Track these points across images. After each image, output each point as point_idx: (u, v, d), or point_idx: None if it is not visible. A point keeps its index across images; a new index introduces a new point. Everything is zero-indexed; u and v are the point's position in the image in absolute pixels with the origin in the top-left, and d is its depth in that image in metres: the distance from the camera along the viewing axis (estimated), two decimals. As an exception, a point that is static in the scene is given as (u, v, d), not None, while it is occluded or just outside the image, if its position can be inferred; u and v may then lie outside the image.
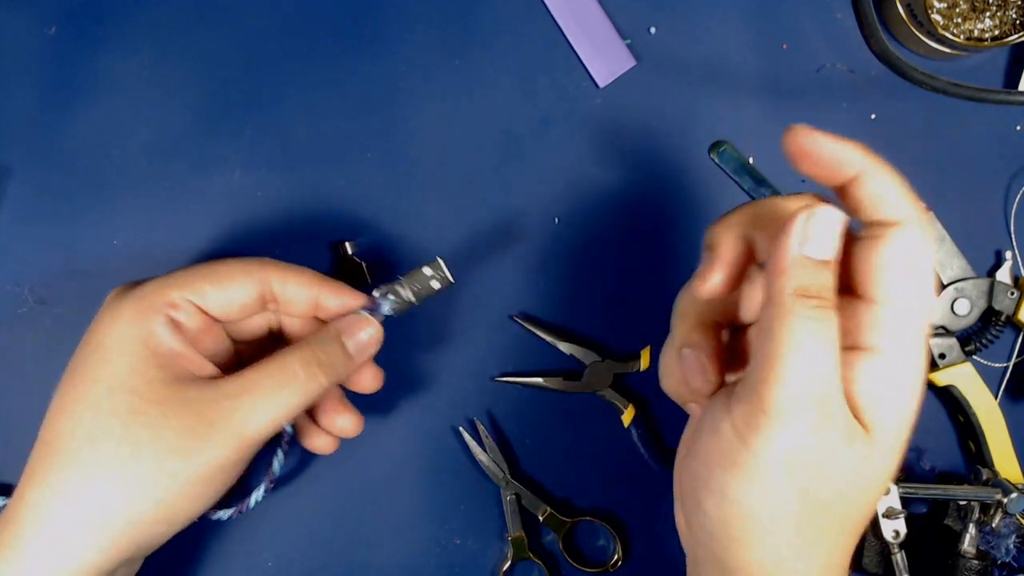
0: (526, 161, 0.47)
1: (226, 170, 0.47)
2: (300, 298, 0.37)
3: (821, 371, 0.27)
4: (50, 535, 0.33)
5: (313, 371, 0.35)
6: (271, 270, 0.37)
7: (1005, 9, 0.45)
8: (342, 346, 0.37)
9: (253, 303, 0.37)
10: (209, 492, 0.35)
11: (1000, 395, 0.48)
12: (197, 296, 0.36)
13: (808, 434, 0.27)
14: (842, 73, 0.48)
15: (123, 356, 0.34)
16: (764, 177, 0.47)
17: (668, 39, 0.48)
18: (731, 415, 0.28)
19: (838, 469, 0.28)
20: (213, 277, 0.36)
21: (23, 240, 0.46)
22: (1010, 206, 0.48)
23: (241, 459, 0.35)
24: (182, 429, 0.33)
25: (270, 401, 0.34)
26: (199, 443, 0.33)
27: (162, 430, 0.33)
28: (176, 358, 0.35)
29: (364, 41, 0.47)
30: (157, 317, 0.34)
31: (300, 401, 0.35)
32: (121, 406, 0.33)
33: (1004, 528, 0.44)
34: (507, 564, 0.46)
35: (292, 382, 0.35)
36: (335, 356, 0.36)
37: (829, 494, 0.28)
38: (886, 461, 0.28)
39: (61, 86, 0.46)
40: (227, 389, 0.34)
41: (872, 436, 0.28)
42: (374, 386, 0.40)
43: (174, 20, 0.47)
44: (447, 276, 0.38)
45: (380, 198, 0.47)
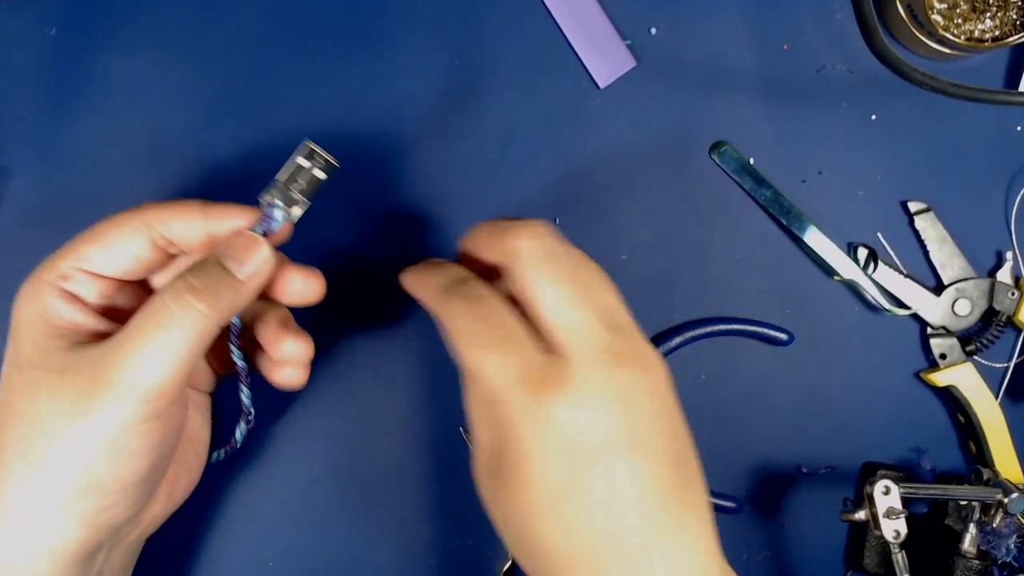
0: (526, 161, 0.47)
1: (226, 170, 0.47)
2: (191, 234, 0.35)
3: None
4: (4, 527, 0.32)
5: (186, 300, 0.32)
6: (149, 213, 0.35)
7: (1005, 10, 0.45)
8: (221, 268, 0.34)
9: (149, 254, 0.35)
10: (133, 455, 0.33)
11: (1001, 395, 0.48)
12: (83, 262, 0.34)
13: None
14: (842, 73, 0.48)
15: (26, 334, 0.34)
16: (764, 177, 0.47)
17: (668, 39, 0.48)
18: None
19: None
20: (93, 238, 0.35)
21: (23, 240, 0.46)
22: (1010, 206, 0.48)
23: (150, 416, 0.32)
24: (77, 393, 0.32)
25: (152, 344, 0.32)
26: (95, 403, 0.31)
27: (59, 398, 0.32)
28: (76, 327, 0.34)
29: (364, 41, 0.47)
30: (50, 291, 0.34)
31: (187, 338, 0.32)
32: (25, 380, 0.33)
33: (1005, 528, 0.44)
34: (507, 564, 0.46)
35: (167, 319, 0.32)
36: (214, 280, 0.33)
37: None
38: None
39: (61, 86, 0.46)
40: (112, 343, 0.32)
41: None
42: (311, 291, 0.37)
43: (174, 20, 0.47)
44: (327, 159, 0.35)
45: (380, 198, 0.47)
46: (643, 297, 0.47)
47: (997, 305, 0.47)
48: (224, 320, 0.34)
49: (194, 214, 0.35)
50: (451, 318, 0.31)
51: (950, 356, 0.47)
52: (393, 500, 0.47)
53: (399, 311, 0.47)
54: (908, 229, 0.48)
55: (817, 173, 0.48)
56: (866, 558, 0.46)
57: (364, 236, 0.47)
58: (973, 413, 0.46)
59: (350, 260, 0.47)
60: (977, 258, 0.48)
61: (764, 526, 0.48)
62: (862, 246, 0.48)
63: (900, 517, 0.41)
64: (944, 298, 0.47)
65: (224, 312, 0.34)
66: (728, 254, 0.48)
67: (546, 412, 0.29)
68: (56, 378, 0.32)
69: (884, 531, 0.41)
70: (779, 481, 0.48)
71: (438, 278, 0.34)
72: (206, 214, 0.35)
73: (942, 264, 0.47)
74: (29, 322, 0.34)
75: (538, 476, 0.29)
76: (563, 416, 0.29)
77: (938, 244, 0.47)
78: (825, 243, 0.47)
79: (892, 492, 0.41)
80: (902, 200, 0.48)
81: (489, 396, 0.30)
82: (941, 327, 0.47)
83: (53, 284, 0.34)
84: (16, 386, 0.33)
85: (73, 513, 0.32)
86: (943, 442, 0.48)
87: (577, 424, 0.29)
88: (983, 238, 0.48)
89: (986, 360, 0.48)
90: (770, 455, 0.48)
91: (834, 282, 0.48)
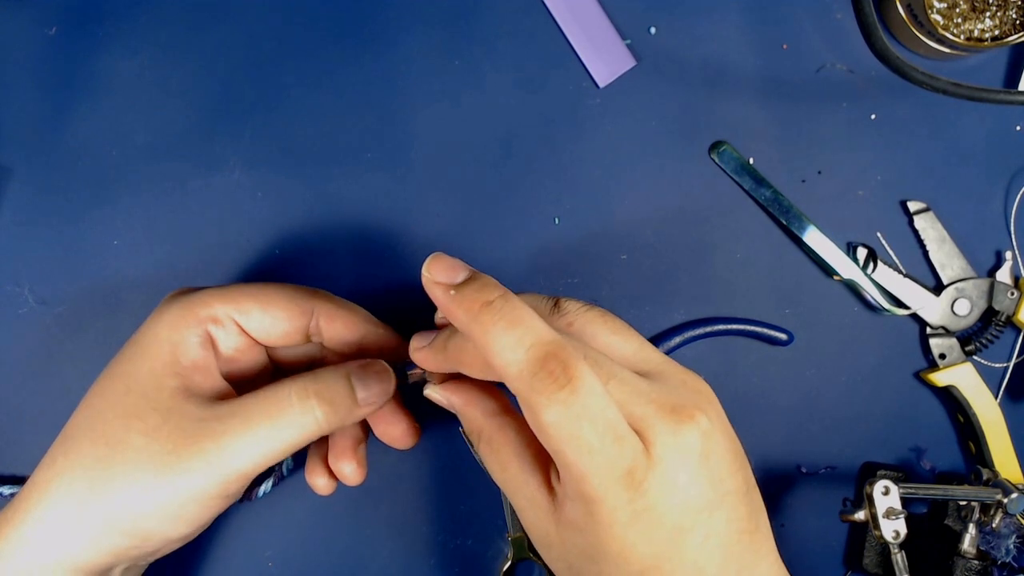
0: (526, 161, 0.47)
1: (226, 170, 0.47)
2: (345, 338, 0.36)
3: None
4: (41, 528, 0.32)
5: (311, 405, 0.33)
6: (320, 304, 0.36)
7: (1005, 9, 0.45)
8: (349, 385, 0.34)
9: (296, 332, 0.36)
10: (188, 522, 0.33)
11: (1000, 395, 0.48)
12: (241, 315, 0.35)
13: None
14: (842, 73, 0.48)
15: (149, 359, 0.33)
16: (764, 177, 0.47)
17: (668, 39, 0.48)
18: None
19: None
20: (261, 299, 0.35)
21: (23, 240, 0.46)
22: (1010, 206, 0.48)
23: (221, 494, 0.33)
24: (172, 446, 0.32)
25: (262, 435, 0.32)
26: (183, 466, 0.32)
27: (152, 442, 0.32)
28: (196, 371, 0.34)
29: (364, 41, 0.47)
30: (195, 328, 0.34)
31: (293, 438, 0.33)
32: (129, 407, 0.33)
33: (1004, 528, 0.44)
34: (507, 564, 0.46)
35: (285, 416, 0.33)
36: (339, 395, 0.34)
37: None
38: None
39: (61, 86, 0.46)
40: (220, 411, 0.33)
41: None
42: (404, 441, 0.38)
43: (174, 20, 0.47)
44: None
45: (380, 198, 0.47)
46: (643, 297, 0.47)
47: (996, 305, 0.47)
48: (328, 432, 0.35)
49: (358, 326, 0.36)
50: (542, 408, 0.27)
51: (949, 356, 0.47)
52: (393, 500, 0.47)
53: (399, 311, 0.47)
54: (908, 229, 0.48)
55: (817, 173, 0.48)
56: (866, 558, 0.46)
57: (363, 235, 0.47)
58: (972, 413, 0.46)
59: (348, 255, 0.47)
60: (977, 258, 0.48)
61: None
62: (862, 246, 0.48)
63: (900, 517, 0.41)
64: (943, 298, 0.47)
65: (333, 426, 0.34)
66: (728, 254, 0.48)
67: (644, 503, 0.28)
68: (158, 420, 0.32)
69: (884, 531, 0.41)
70: (779, 481, 0.48)
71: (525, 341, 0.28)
72: (367, 330, 0.36)
73: (941, 264, 0.47)
74: (158, 347, 0.33)
75: (634, 561, 0.29)
76: (658, 501, 0.29)
77: (937, 244, 0.47)
78: (825, 243, 0.47)
79: (892, 492, 0.41)
80: (902, 200, 0.48)
81: (573, 487, 0.29)
82: (940, 327, 0.47)
83: (201, 322, 0.34)
84: (118, 405, 0.33)
85: (108, 544, 0.33)
86: (943, 442, 0.48)
87: (672, 504, 0.29)
88: (983, 238, 0.48)
89: (985, 360, 0.48)
90: (770, 455, 0.48)
91: (834, 282, 0.48)
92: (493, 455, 0.33)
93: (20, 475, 0.46)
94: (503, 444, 0.32)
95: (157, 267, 0.47)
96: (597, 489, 0.28)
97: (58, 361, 0.46)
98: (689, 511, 0.29)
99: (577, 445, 0.27)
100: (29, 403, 0.46)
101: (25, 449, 0.46)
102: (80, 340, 0.46)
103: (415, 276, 0.47)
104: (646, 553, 0.29)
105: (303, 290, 0.36)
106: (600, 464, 0.28)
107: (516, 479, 0.32)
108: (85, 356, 0.46)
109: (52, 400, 0.46)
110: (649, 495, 0.28)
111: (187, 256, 0.47)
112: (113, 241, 0.46)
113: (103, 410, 0.33)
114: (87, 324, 0.46)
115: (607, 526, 0.29)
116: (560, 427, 0.27)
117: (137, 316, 0.46)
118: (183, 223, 0.47)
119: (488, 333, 0.28)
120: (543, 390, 0.27)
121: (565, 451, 0.28)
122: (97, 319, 0.46)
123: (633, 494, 0.28)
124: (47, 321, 0.46)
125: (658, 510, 0.29)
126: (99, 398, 0.34)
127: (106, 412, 0.33)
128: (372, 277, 0.47)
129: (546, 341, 0.28)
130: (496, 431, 0.33)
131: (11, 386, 0.46)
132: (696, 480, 0.29)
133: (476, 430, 0.33)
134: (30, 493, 0.33)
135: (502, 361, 0.28)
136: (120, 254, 0.46)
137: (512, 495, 0.33)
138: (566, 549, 0.31)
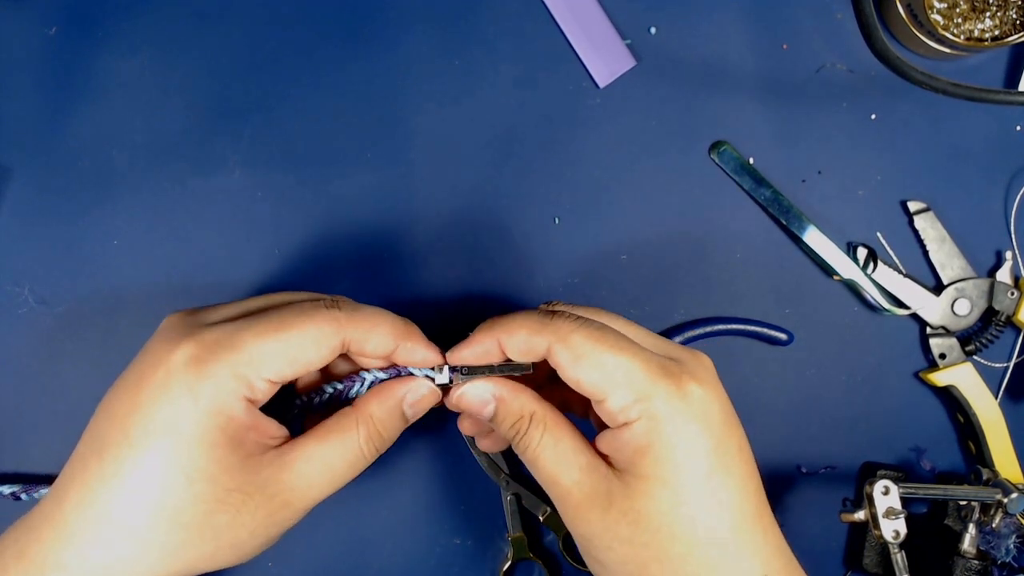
0: (526, 161, 0.47)
1: (226, 170, 0.47)
2: (379, 351, 0.36)
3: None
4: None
5: (374, 448, 0.35)
6: (350, 329, 0.34)
7: (1005, 9, 0.45)
8: (402, 416, 0.36)
9: (329, 358, 0.35)
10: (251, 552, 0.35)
11: (1000, 395, 0.48)
12: (275, 374, 0.33)
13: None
14: (842, 73, 0.48)
15: (198, 445, 0.31)
16: (764, 177, 0.47)
17: (668, 39, 0.48)
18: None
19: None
20: (279, 334, 0.33)
21: (23, 240, 0.46)
22: (1010, 206, 0.48)
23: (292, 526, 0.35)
24: (261, 516, 0.33)
25: (333, 473, 0.34)
26: (274, 525, 0.33)
27: (242, 516, 0.32)
28: (247, 432, 0.33)
29: (364, 41, 0.47)
30: (233, 399, 0.32)
31: (355, 473, 0.35)
32: (202, 496, 0.31)
33: (1004, 528, 0.44)
34: (507, 564, 0.46)
35: (358, 461, 0.35)
36: (394, 428, 0.36)
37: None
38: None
39: (61, 86, 0.47)
40: (299, 469, 0.33)
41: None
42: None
43: (174, 20, 0.47)
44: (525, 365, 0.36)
45: (380, 198, 0.47)
46: (643, 297, 0.48)
47: (996, 305, 0.47)
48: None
49: (391, 338, 0.35)
50: (570, 334, 0.33)
51: (949, 356, 0.47)
52: (393, 500, 0.47)
53: (399, 311, 0.47)
54: (908, 229, 0.48)
55: (817, 173, 0.48)
56: (866, 558, 0.46)
57: (363, 236, 0.47)
58: (972, 413, 0.46)
59: (348, 255, 0.47)
60: (977, 258, 0.48)
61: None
62: (862, 246, 0.48)
63: (899, 517, 0.41)
64: (944, 298, 0.47)
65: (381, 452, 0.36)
66: (728, 254, 0.48)
67: (687, 395, 0.32)
68: (239, 498, 0.32)
69: (883, 531, 0.41)
70: (779, 481, 0.48)
71: (531, 315, 0.35)
72: (400, 340, 0.36)
73: (942, 264, 0.47)
74: (202, 431, 0.31)
75: (691, 459, 0.32)
76: (701, 394, 0.32)
77: (938, 244, 0.47)
78: (825, 243, 0.47)
79: (891, 492, 0.41)
80: (902, 200, 0.48)
81: (624, 399, 0.32)
82: (940, 327, 0.47)
83: (235, 393, 0.32)
84: (185, 494, 0.31)
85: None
86: (942, 442, 0.48)
87: (711, 400, 0.33)
88: (983, 238, 0.48)
89: (985, 360, 0.48)
90: (770, 455, 0.48)
91: (834, 282, 0.48)
92: (548, 431, 0.34)
93: (20, 473, 0.46)
94: (556, 421, 0.34)
95: (157, 267, 0.47)
96: (644, 384, 0.32)
97: (58, 361, 0.46)
98: (728, 414, 0.33)
99: (612, 349, 0.32)
100: (29, 403, 0.46)
101: (25, 449, 0.46)
102: (80, 340, 0.46)
103: (415, 276, 0.47)
104: (707, 451, 0.32)
105: (328, 320, 0.34)
106: (638, 360, 0.32)
107: (569, 451, 0.34)
108: (85, 356, 0.46)
109: (52, 400, 0.46)
110: (693, 390, 0.32)
111: (187, 256, 0.47)
112: (113, 241, 0.46)
113: (169, 500, 0.32)
114: (87, 324, 0.46)
115: (668, 420, 0.32)
116: (593, 339, 0.32)
117: (137, 316, 0.46)
118: (183, 223, 0.47)
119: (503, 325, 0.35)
120: (564, 325, 0.33)
121: (604, 360, 0.32)
122: (97, 319, 0.46)
123: (677, 387, 0.32)
124: (47, 321, 0.46)
125: (706, 404, 0.32)
126: (150, 486, 0.31)
127: (177, 501, 0.31)
128: (372, 277, 0.47)
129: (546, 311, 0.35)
130: (548, 411, 0.35)
131: (11, 386, 0.46)
132: (722, 401, 0.33)
133: (527, 413, 0.35)
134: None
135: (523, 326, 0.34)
136: (120, 254, 0.47)
137: (561, 475, 0.34)
138: (623, 517, 0.32)
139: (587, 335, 0.33)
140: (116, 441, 0.32)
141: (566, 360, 0.33)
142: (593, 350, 0.32)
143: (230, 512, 0.32)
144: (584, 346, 0.32)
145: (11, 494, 0.44)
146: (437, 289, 0.47)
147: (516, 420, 0.35)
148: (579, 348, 0.32)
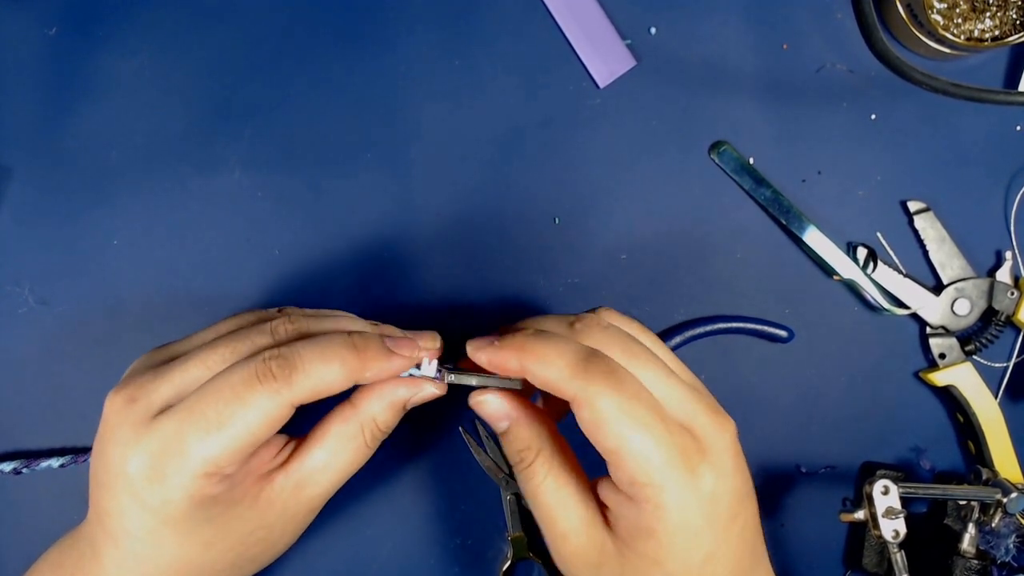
0: (526, 161, 0.47)
1: (226, 170, 0.47)
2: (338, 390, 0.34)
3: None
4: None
5: (376, 443, 0.35)
6: (296, 395, 0.32)
7: (1005, 9, 0.45)
8: (402, 409, 0.35)
9: (280, 425, 0.33)
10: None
11: (1000, 395, 0.48)
12: (230, 464, 0.32)
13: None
14: (842, 73, 0.48)
15: (187, 535, 0.32)
16: (764, 177, 0.47)
17: (668, 39, 0.48)
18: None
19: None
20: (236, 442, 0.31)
21: (23, 240, 0.46)
22: (1010, 206, 0.48)
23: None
24: (291, 529, 0.35)
25: (342, 473, 0.35)
26: (300, 526, 0.35)
27: (272, 537, 0.34)
28: (240, 483, 0.33)
29: (364, 41, 0.47)
30: (206, 487, 0.31)
31: (361, 465, 0.35)
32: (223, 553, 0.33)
33: (1004, 528, 0.44)
34: (507, 564, 0.46)
35: (363, 457, 0.35)
36: (394, 420, 0.35)
37: None
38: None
39: (61, 86, 0.47)
40: (312, 479, 0.34)
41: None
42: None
43: (174, 20, 0.47)
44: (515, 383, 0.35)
45: (380, 198, 0.47)
46: (643, 297, 0.48)
47: (996, 305, 0.47)
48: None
49: (341, 379, 0.32)
50: (597, 396, 0.30)
51: (949, 356, 0.47)
52: (393, 500, 0.47)
53: (399, 311, 0.47)
54: (908, 229, 0.48)
55: (817, 173, 0.48)
56: (865, 558, 0.46)
57: (363, 236, 0.47)
58: (972, 413, 0.46)
59: (348, 256, 0.47)
60: (976, 258, 0.48)
61: (763, 526, 0.47)
62: (862, 246, 0.48)
63: (899, 517, 0.41)
64: (943, 298, 0.47)
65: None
66: (728, 254, 0.48)
67: (705, 487, 0.31)
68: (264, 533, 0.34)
69: (883, 531, 0.41)
70: (778, 481, 0.48)
71: (566, 352, 0.32)
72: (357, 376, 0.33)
73: (941, 264, 0.47)
74: (191, 524, 0.32)
75: (691, 548, 0.31)
76: (715, 486, 0.31)
77: (937, 244, 0.47)
78: (825, 243, 0.47)
79: (891, 492, 0.41)
80: (902, 200, 0.48)
81: (636, 477, 0.31)
82: (940, 327, 0.47)
83: (203, 484, 0.31)
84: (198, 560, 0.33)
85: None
86: (942, 442, 0.48)
87: (725, 489, 0.32)
88: (982, 238, 0.48)
89: (985, 360, 0.48)
90: (769, 454, 0.48)
91: (834, 282, 0.48)
92: (552, 473, 0.33)
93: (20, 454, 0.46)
94: (563, 463, 0.34)
95: (157, 267, 0.47)
96: (659, 471, 0.30)
97: (58, 361, 0.46)
98: (737, 498, 0.32)
99: (634, 425, 0.30)
100: (29, 403, 0.46)
101: (25, 449, 0.46)
102: (80, 340, 0.46)
103: (414, 276, 0.47)
104: (708, 540, 0.31)
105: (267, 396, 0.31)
106: (658, 443, 0.30)
107: (570, 498, 0.33)
108: (85, 356, 0.46)
109: (52, 400, 0.46)
110: (706, 480, 0.31)
111: (187, 256, 0.47)
112: (113, 241, 0.46)
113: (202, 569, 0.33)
114: (87, 324, 0.46)
115: (676, 510, 0.30)
116: (618, 410, 0.30)
117: (137, 316, 0.46)
118: (183, 223, 0.47)
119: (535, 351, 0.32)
120: (595, 380, 0.30)
121: (625, 434, 0.30)
122: (97, 319, 0.46)
123: (691, 476, 0.31)
124: (47, 321, 0.46)
125: (716, 494, 0.31)
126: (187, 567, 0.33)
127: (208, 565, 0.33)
128: (372, 277, 0.47)
129: (584, 347, 0.32)
130: (558, 449, 0.34)
131: (11, 386, 0.46)
132: (738, 471, 0.33)
133: (535, 446, 0.34)
134: None
135: (555, 366, 0.31)
136: (120, 254, 0.47)
137: (559, 518, 0.33)
138: (623, 563, 0.32)
139: (615, 404, 0.30)
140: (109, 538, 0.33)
141: (587, 419, 0.31)
142: (617, 422, 0.30)
143: (260, 545, 0.34)
144: (608, 413, 0.30)
145: (12, 470, 0.45)
146: (437, 289, 0.47)
147: (524, 449, 0.34)
148: (603, 413, 0.30)
